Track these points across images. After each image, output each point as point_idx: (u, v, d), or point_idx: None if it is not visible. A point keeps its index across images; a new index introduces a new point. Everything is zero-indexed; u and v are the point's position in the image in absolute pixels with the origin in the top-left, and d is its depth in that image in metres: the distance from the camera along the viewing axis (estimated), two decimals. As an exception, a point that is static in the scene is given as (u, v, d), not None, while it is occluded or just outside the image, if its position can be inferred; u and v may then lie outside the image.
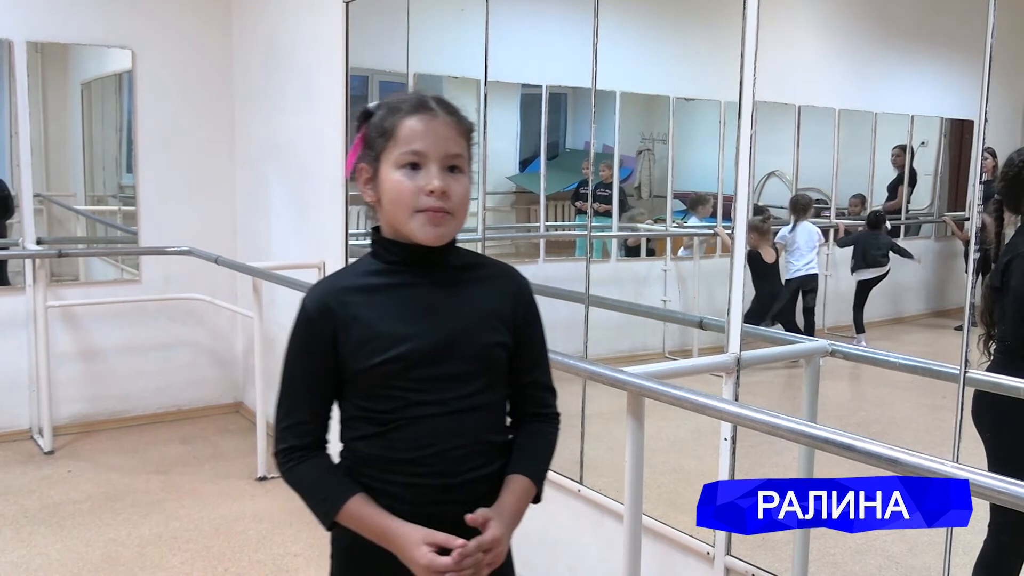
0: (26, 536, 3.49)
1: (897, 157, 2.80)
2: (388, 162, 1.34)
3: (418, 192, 1.32)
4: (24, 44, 4.49)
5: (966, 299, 1.83)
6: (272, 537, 3.50)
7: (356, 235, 4.08)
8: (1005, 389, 1.94)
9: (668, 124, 3.64)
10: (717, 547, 2.31)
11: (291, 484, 1.42)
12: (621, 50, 3.20)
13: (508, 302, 1.43)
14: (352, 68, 3.87)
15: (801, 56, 2.76)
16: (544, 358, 1.50)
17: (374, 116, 1.38)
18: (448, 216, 1.34)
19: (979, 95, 1.73)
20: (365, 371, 1.34)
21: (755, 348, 2.29)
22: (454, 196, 1.34)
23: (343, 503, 1.36)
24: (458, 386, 1.36)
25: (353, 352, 1.35)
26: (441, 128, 1.34)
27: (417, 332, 1.35)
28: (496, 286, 1.44)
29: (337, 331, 1.35)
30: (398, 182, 1.33)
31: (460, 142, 1.36)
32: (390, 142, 1.34)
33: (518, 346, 1.44)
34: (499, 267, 1.49)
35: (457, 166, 1.35)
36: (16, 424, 4.66)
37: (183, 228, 4.88)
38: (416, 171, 1.33)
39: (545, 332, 1.51)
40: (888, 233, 2.82)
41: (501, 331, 1.41)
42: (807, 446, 2.07)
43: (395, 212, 1.35)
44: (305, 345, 1.39)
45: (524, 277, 1.49)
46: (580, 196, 3.88)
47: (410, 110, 1.34)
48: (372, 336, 1.34)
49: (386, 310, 1.36)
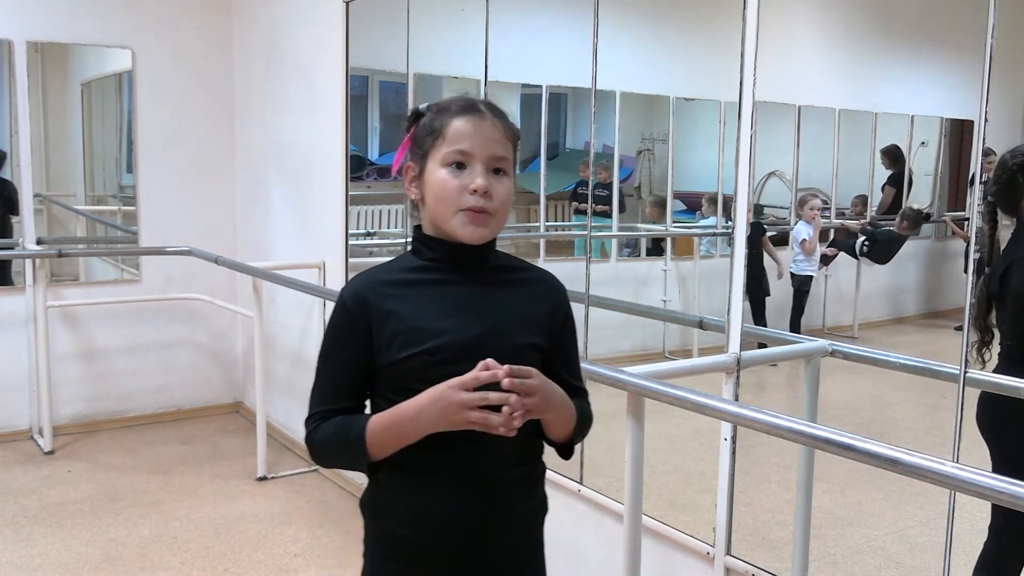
0: (26, 536, 3.49)
1: (883, 162, 2.81)
2: (435, 160, 1.37)
3: (462, 190, 1.35)
4: (24, 44, 4.50)
5: (966, 299, 1.83)
6: (272, 537, 3.50)
7: (356, 235, 4.08)
8: (1005, 389, 1.94)
9: (668, 124, 3.64)
10: (717, 547, 2.31)
11: (319, 453, 1.43)
12: (621, 50, 3.20)
13: (546, 307, 1.45)
14: (352, 68, 3.87)
15: (801, 56, 2.76)
16: (577, 362, 1.52)
17: (424, 116, 1.41)
18: (489, 216, 1.36)
19: (979, 95, 1.73)
20: (397, 363, 1.35)
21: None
22: (496, 197, 1.36)
23: (364, 426, 1.35)
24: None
25: (386, 344, 1.36)
26: (488, 130, 1.37)
27: (451, 328, 1.36)
28: (535, 290, 1.46)
29: (372, 323, 1.37)
30: (443, 179, 1.36)
31: (506, 145, 1.39)
32: (438, 140, 1.37)
33: (553, 351, 1.45)
34: (539, 272, 1.51)
35: (501, 168, 1.38)
36: (16, 424, 4.67)
37: (183, 228, 4.88)
38: (461, 170, 1.36)
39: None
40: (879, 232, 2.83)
41: (535, 333, 1.42)
42: (807, 446, 2.07)
43: (438, 209, 1.37)
44: (340, 335, 1.41)
45: (562, 284, 1.51)
46: (578, 196, 3.88)
47: (459, 111, 1.38)
48: (406, 329, 1.36)
49: (422, 305, 1.38)
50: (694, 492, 2.37)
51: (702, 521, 2.39)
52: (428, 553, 1.40)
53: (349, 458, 1.40)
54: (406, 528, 1.40)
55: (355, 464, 1.40)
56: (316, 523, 3.63)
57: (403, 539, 1.41)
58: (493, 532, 1.41)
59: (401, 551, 1.42)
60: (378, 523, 1.46)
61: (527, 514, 1.47)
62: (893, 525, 2.62)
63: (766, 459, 2.59)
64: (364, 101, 4.53)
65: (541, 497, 1.51)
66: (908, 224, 2.76)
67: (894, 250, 2.83)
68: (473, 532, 1.39)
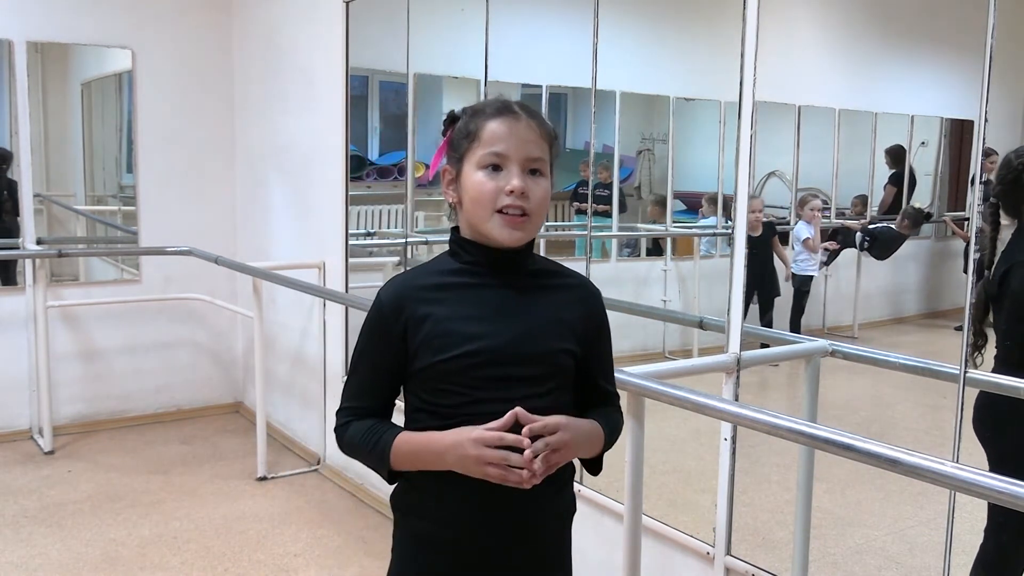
0: (26, 536, 3.49)
1: (886, 161, 2.80)
2: (471, 163, 1.38)
3: (498, 192, 1.35)
4: (24, 44, 4.50)
5: (966, 299, 1.83)
6: (272, 537, 3.50)
7: (356, 235, 4.08)
8: (1005, 389, 1.94)
9: (668, 124, 3.64)
10: (717, 547, 2.31)
11: (345, 449, 1.46)
12: (621, 50, 3.20)
13: (581, 313, 1.46)
14: (352, 68, 3.87)
15: (801, 56, 2.76)
16: (611, 367, 1.54)
17: (459, 120, 1.42)
18: (526, 219, 1.37)
19: (979, 95, 1.73)
20: (432, 366, 1.37)
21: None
22: (533, 198, 1.37)
23: (392, 442, 1.38)
24: (523, 388, 1.36)
25: (421, 347, 1.37)
26: (523, 131, 1.37)
27: (486, 332, 1.37)
28: (571, 296, 1.47)
29: (408, 326, 1.38)
30: (480, 182, 1.36)
31: (542, 146, 1.39)
32: (474, 143, 1.37)
33: (588, 357, 1.45)
34: (576, 278, 1.51)
35: (538, 169, 1.38)
36: (16, 424, 4.67)
37: (183, 228, 4.88)
38: (497, 172, 1.36)
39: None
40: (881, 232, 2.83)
41: (569, 339, 1.42)
42: (807, 446, 2.07)
43: (475, 211, 1.38)
44: (375, 336, 1.43)
45: (598, 289, 1.52)
46: (579, 196, 3.88)
47: (494, 113, 1.38)
48: (441, 333, 1.37)
49: (457, 308, 1.39)
50: (694, 492, 2.36)
51: (702, 521, 2.39)
52: (458, 552, 1.41)
53: (372, 464, 1.43)
54: (437, 526, 1.42)
55: (378, 471, 1.42)
56: (316, 523, 3.63)
57: (433, 537, 1.42)
58: (523, 533, 1.41)
59: (431, 549, 1.43)
60: (408, 520, 1.47)
61: (556, 515, 1.48)
62: (893, 525, 2.62)
63: (766, 459, 2.59)
64: (364, 101, 4.53)
65: (570, 499, 1.52)
66: (909, 223, 2.76)
67: (894, 247, 2.83)
68: (504, 532, 1.40)
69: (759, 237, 2.67)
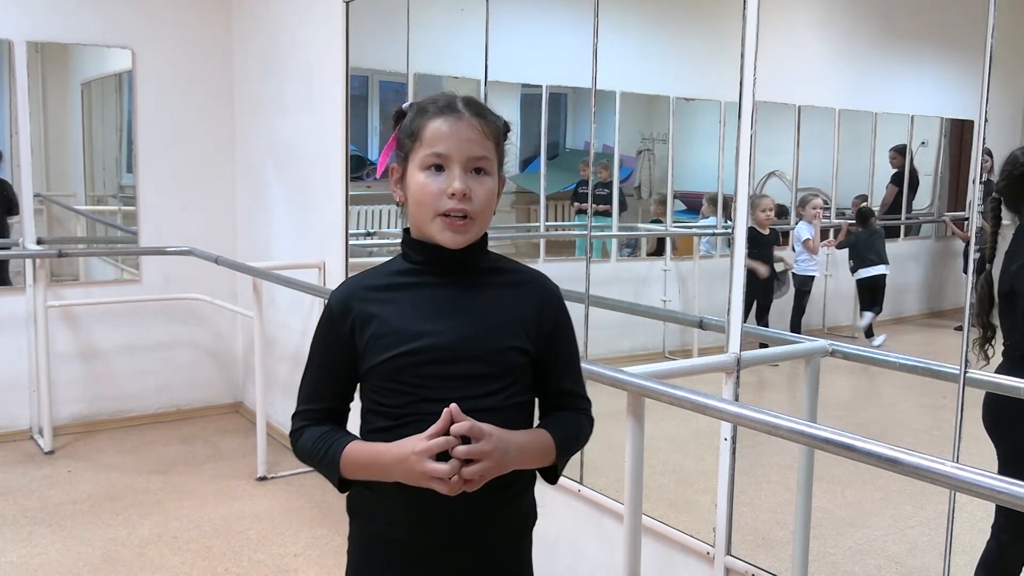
0: (26, 536, 3.49)
1: (894, 159, 2.80)
2: (414, 163, 1.36)
3: (440, 194, 1.33)
4: (24, 44, 4.50)
5: (966, 299, 1.83)
6: (272, 537, 3.50)
7: (356, 235, 4.08)
8: (1006, 389, 1.94)
9: (668, 124, 3.64)
10: (717, 547, 2.31)
11: (300, 457, 1.46)
12: (621, 50, 3.20)
13: (534, 309, 1.43)
14: (352, 68, 3.87)
15: (801, 56, 2.76)
16: (576, 367, 1.50)
17: (405, 117, 1.40)
18: (469, 221, 1.35)
19: (979, 95, 1.73)
20: (378, 365, 1.36)
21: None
22: (476, 199, 1.34)
23: (341, 451, 1.37)
24: (470, 386, 1.35)
25: (368, 347, 1.37)
26: (465, 130, 1.34)
27: (431, 330, 1.35)
28: (524, 292, 1.44)
29: (355, 327, 1.38)
30: (422, 184, 1.34)
31: (486, 144, 1.36)
32: (416, 143, 1.35)
33: (546, 355, 1.43)
34: (530, 274, 1.48)
35: (482, 168, 1.36)
36: (16, 424, 4.67)
37: (183, 228, 4.88)
38: (440, 173, 1.34)
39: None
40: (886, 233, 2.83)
41: (520, 336, 1.40)
42: (807, 446, 2.07)
43: (419, 213, 1.37)
44: (325, 339, 1.43)
45: (555, 285, 1.49)
46: (579, 196, 3.88)
47: (436, 112, 1.35)
48: (387, 332, 1.36)
49: (404, 308, 1.38)
50: (694, 492, 2.36)
51: (702, 521, 2.39)
52: (407, 551, 1.40)
53: (323, 472, 1.42)
54: (386, 526, 1.41)
55: (329, 479, 1.41)
56: (316, 523, 3.63)
57: (383, 537, 1.42)
58: (472, 537, 1.39)
59: (382, 548, 1.42)
60: (359, 521, 1.47)
61: (508, 522, 1.45)
62: (893, 525, 2.62)
63: (766, 459, 2.59)
64: (364, 101, 4.53)
65: (529, 506, 1.49)
66: (858, 223, 2.79)
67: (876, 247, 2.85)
68: (450, 534, 1.38)
69: (767, 236, 2.68)
